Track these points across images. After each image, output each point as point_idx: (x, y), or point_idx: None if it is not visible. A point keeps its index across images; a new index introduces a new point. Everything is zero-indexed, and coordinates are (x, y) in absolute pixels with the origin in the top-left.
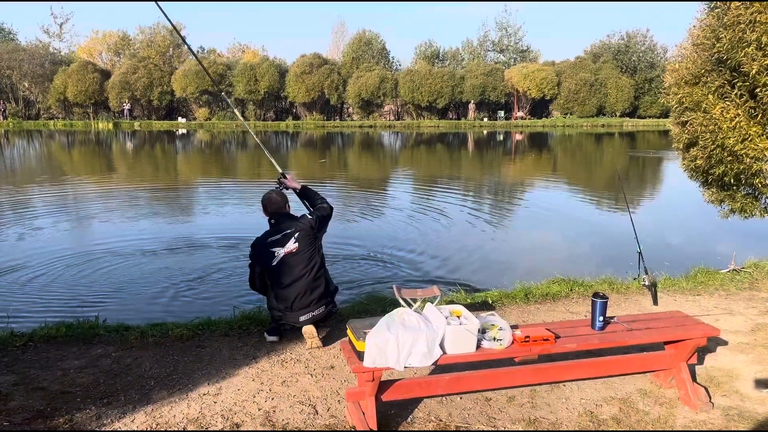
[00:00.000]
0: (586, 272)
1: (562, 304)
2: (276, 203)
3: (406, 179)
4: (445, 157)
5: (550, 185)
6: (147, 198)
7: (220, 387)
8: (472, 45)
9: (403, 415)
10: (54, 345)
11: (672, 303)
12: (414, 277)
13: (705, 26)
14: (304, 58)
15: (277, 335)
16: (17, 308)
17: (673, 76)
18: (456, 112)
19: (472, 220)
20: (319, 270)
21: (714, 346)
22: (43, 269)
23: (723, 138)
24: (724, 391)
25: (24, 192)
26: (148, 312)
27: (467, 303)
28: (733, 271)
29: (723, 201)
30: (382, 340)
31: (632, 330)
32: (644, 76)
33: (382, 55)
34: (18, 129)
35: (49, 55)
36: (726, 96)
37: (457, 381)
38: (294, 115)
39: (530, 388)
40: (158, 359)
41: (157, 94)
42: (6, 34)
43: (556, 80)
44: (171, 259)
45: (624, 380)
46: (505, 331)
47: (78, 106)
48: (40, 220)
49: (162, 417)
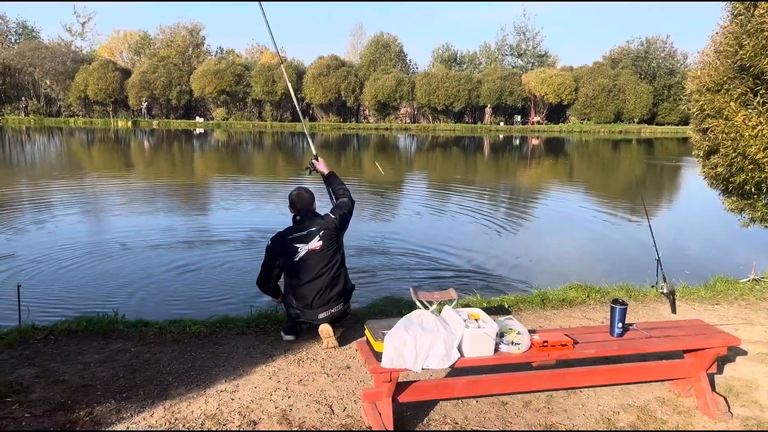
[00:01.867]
0: (603, 279)
1: (578, 310)
2: (305, 200)
3: (421, 182)
4: (461, 161)
5: (566, 191)
6: (166, 195)
7: (237, 384)
8: (490, 49)
9: (419, 417)
10: (74, 339)
11: (690, 311)
12: (430, 280)
13: (728, 33)
14: (322, 60)
15: (294, 334)
16: (38, 302)
17: (695, 83)
18: (472, 116)
19: (488, 224)
20: (339, 268)
21: (733, 355)
22: (64, 264)
23: (745, 146)
24: (743, 401)
25: (44, 187)
26: (166, 308)
27: (483, 307)
28: (753, 281)
29: (743, 210)
30: (400, 342)
31: (651, 337)
32: (663, 82)
33: (399, 58)
34: (39, 126)
35: (71, 54)
36: (748, 104)
37: (473, 384)
38: (311, 116)
39: (547, 394)
40: (176, 355)
41: (176, 93)
42: (29, 32)
43: (573, 85)
44: (189, 256)
45: (642, 388)
46: (524, 336)
47: (98, 104)
48: (59, 216)
49: (180, 412)
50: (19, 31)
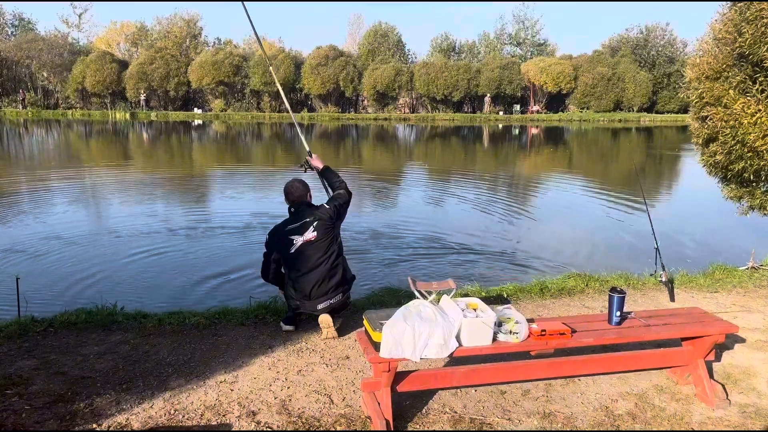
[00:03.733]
0: (601, 267)
1: (577, 299)
2: (298, 191)
3: (420, 172)
4: (460, 150)
5: (566, 180)
6: (164, 186)
7: (237, 375)
8: (489, 38)
9: (418, 406)
10: (74, 331)
11: (689, 300)
12: (428, 270)
13: (727, 21)
14: (320, 50)
15: (293, 325)
16: (37, 294)
17: (694, 70)
18: (471, 106)
19: (487, 214)
20: (336, 258)
21: (731, 343)
22: (62, 256)
23: (743, 134)
24: (741, 388)
25: (42, 179)
26: (165, 300)
27: (482, 296)
28: (751, 269)
29: (742, 197)
30: (398, 331)
31: (649, 326)
32: (663, 70)
33: (397, 48)
34: (37, 118)
35: (67, 46)
36: (747, 91)
37: (472, 373)
38: (309, 107)
39: (545, 382)
40: (175, 347)
41: (174, 84)
42: (25, 24)
43: (573, 74)
44: (187, 248)
45: (640, 376)
46: (522, 325)
47: (96, 96)
48: (57, 207)
49: (180, 403)
50: (16, 23)
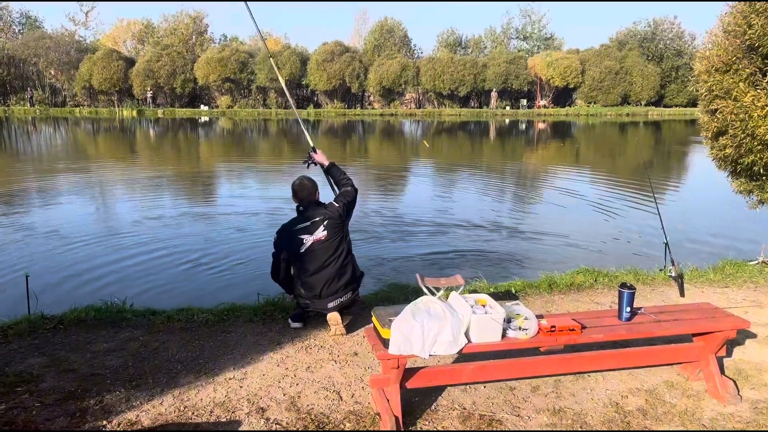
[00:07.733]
0: (610, 263)
1: (586, 294)
2: (307, 189)
3: (427, 166)
4: (467, 145)
5: (573, 174)
6: (172, 183)
7: (246, 372)
8: (495, 33)
9: (427, 403)
10: (83, 328)
11: (699, 295)
12: (436, 266)
13: (736, 12)
14: (326, 46)
15: (302, 322)
16: (46, 291)
17: (703, 63)
18: (478, 101)
19: (495, 208)
20: (346, 257)
21: (743, 338)
22: (71, 253)
23: (753, 127)
24: (753, 384)
25: (51, 176)
26: (173, 297)
27: (490, 292)
28: (762, 263)
29: (752, 191)
30: (407, 328)
31: (660, 321)
32: (671, 63)
33: (403, 43)
34: (44, 116)
35: (74, 43)
36: (757, 84)
37: (481, 370)
38: (315, 103)
39: (555, 378)
40: (184, 344)
41: (180, 81)
42: (32, 22)
43: (580, 68)
44: (196, 245)
45: (650, 372)
46: (531, 321)
47: (103, 94)
48: (66, 205)
49: (189, 400)
50: (23, 21)
